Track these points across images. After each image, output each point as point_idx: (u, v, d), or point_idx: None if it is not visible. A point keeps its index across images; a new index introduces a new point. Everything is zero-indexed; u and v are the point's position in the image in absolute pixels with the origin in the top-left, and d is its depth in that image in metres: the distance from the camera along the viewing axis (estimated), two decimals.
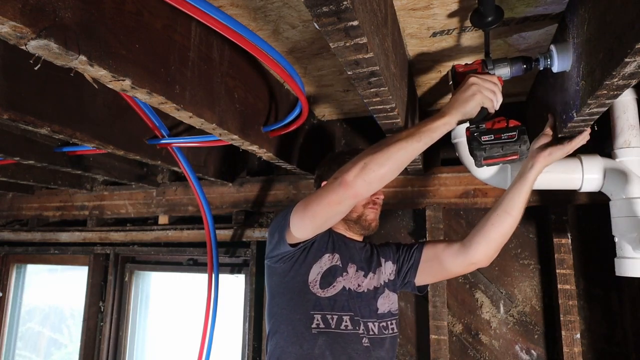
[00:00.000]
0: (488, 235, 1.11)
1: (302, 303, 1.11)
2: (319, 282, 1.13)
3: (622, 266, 1.14)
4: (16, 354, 2.65)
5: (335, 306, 1.12)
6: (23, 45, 0.61)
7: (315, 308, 1.11)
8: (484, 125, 0.92)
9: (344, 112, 1.86)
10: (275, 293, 1.17)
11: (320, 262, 1.15)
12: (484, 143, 0.91)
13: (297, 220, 1.05)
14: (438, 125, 0.87)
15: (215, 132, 1.11)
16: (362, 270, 1.20)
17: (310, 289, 1.12)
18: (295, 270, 1.13)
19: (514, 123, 0.92)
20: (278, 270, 1.16)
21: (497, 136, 0.91)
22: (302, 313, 1.10)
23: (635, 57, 0.65)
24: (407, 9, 1.00)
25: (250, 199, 2.04)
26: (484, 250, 1.13)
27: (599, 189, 1.20)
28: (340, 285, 1.14)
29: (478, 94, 0.87)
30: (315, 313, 1.10)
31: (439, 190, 1.74)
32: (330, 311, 1.11)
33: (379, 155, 0.87)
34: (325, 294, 1.12)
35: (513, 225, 1.09)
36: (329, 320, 1.10)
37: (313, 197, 1.00)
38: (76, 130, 1.14)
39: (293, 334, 1.10)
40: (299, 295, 1.12)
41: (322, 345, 1.08)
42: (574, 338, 1.48)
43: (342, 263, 1.18)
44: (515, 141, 0.90)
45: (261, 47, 0.92)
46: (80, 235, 2.38)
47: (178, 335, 2.31)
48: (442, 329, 1.64)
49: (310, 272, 1.13)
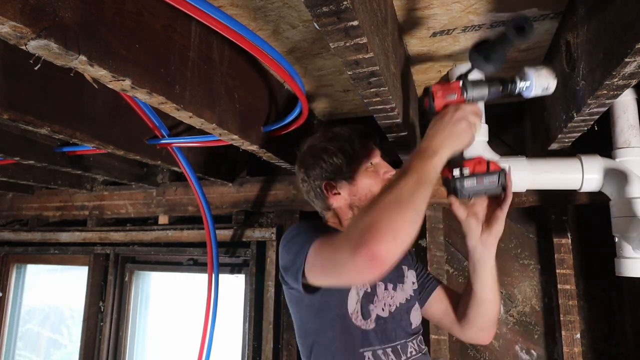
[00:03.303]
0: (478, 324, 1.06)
1: (348, 341, 0.94)
2: (360, 312, 0.95)
3: (622, 266, 1.14)
4: (16, 354, 2.65)
5: (382, 338, 0.97)
6: (23, 45, 0.61)
7: (365, 344, 0.94)
8: (467, 168, 0.92)
9: (344, 112, 1.86)
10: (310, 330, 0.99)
11: (355, 287, 0.97)
12: (467, 188, 0.92)
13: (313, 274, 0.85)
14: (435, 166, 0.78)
15: (215, 132, 1.11)
16: (391, 282, 1.05)
17: (353, 322, 0.94)
18: (330, 302, 0.95)
19: (494, 167, 0.93)
20: (305, 302, 0.97)
21: (480, 181, 0.92)
22: (350, 353, 0.94)
23: (635, 57, 0.65)
24: (407, 9, 1.00)
25: (250, 199, 2.04)
26: (479, 334, 1.09)
27: (599, 189, 1.20)
28: (374, 314, 0.98)
29: (469, 130, 0.83)
30: (365, 350, 0.94)
31: (439, 190, 1.74)
32: (379, 345, 0.96)
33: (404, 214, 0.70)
34: (368, 325, 0.96)
35: (496, 305, 1.05)
36: (380, 356, 0.95)
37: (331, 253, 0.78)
38: (76, 130, 1.14)
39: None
40: (342, 333, 0.94)
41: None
42: (574, 338, 1.48)
43: (370, 286, 1.00)
44: (496, 186, 0.92)
45: (261, 47, 0.92)
46: (80, 235, 2.38)
47: (178, 335, 2.31)
48: (442, 329, 1.64)
49: (349, 302, 0.95)
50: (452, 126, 0.83)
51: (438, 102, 0.89)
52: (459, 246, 1.76)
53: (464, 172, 0.92)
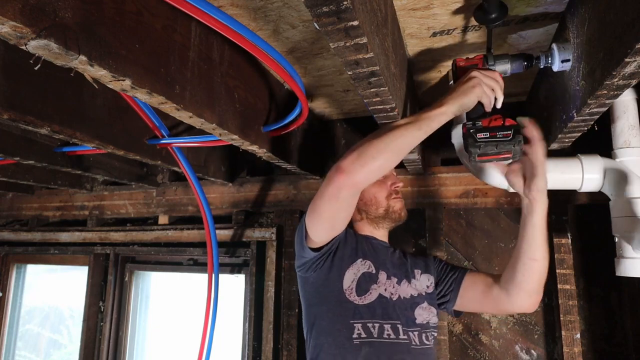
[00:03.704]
0: (525, 286, 1.04)
1: (340, 312, 1.06)
2: (355, 289, 1.07)
3: (622, 266, 1.14)
4: (16, 354, 2.65)
5: (375, 314, 1.06)
6: (23, 45, 0.61)
7: (355, 317, 1.05)
8: (481, 122, 0.92)
9: (344, 112, 1.86)
10: (312, 303, 1.12)
11: (353, 267, 1.10)
12: (479, 140, 0.91)
13: (310, 223, 1.02)
14: (436, 114, 0.86)
15: (215, 132, 1.11)
16: (395, 277, 1.15)
17: (347, 297, 1.06)
18: (329, 279, 1.08)
19: (510, 122, 0.92)
20: (310, 280, 1.11)
21: (493, 134, 0.91)
22: (342, 323, 1.05)
23: (635, 57, 0.65)
24: (407, 9, 1.00)
25: (250, 199, 2.04)
26: (526, 300, 1.05)
27: (599, 189, 1.20)
28: (376, 293, 1.09)
29: (477, 87, 0.87)
30: (356, 322, 1.04)
31: (439, 190, 1.74)
32: (370, 319, 1.05)
33: (377, 142, 0.85)
34: (362, 301, 1.07)
35: (544, 266, 1.03)
36: (370, 329, 1.04)
37: (316, 196, 0.97)
38: (76, 130, 1.14)
39: (334, 345, 1.04)
40: (336, 305, 1.06)
41: (366, 356, 1.02)
42: (574, 338, 1.48)
43: (375, 269, 1.12)
44: (510, 140, 0.90)
45: (261, 47, 0.92)
46: (80, 235, 2.38)
47: (178, 335, 2.31)
48: (442, 329, 1.64)
49: (345, 279, 1.08)
50: (461, 85, 0.88)
51: (460, 73, 0.94)
52: (459, 246, 1.76)
53: (477, 125, 0.92)
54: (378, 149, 0.85)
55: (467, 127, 0.93)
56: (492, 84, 0.88)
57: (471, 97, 0.87)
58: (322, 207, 0.96)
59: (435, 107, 0.87)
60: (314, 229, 1.02)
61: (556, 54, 0.93)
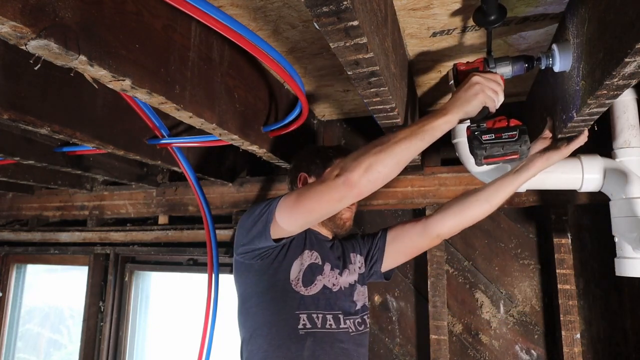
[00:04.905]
0: (461, 215, 1.15)
1: (285, 302, 1.07)
2: (301, 279, 1.10)
3: (622, 266, 1.14)
4: (16, 354, 2.65)
5: (319, 305, 1.10)
6: (23, 45, 0.61)
7: (300, 307, 1.07)
8: (485, 124, 0.92)
9: (344, 112, 1.86)
10: (252, 293, 1.12)
11: (300, 258, 1.13)
12: (484, 142, 0.90)
13: (286, 215, 1.00)
14: (440, 124, 0.86)
15: (215, 132, 1.11)
16: (337, 268, 1.19)
17: (293, 287, 1.09)
18: (275, 268, 1.09)
19: (514, 122, 0.92)
20: (255, 267, 1.11)
21: (498, 135, 0.90)
22: (287, 313, 1.07)
23: (635, 57, 0.65)
24: (407, 9, 1.00)
25: (250, 199, 2.04)
26: (452, 225, 1.17)
27: (599, 189, 1.20)
28: (321, 284, 1.13)
29: (481, 93, 0.86)
30: (301, 313, 1.07)
31: (439, 190, 1.74)
32: (315, 310, 1.08)
33: (384, 155, 0.86)
34: (308, 292, 1.10)
35: (486, 214, 1.13)
36: (314, 319, 1.08)
37: (309, 193, 0.95)
38: (76, 130, 1.14)
39: (278, 336, 1.06)
40: (281, 295, 1.08)
41: (310, 346, 1.05)
42: (574, 338, 1.48)
43: (321, 261, 1.17)
44: (516, 141, 0.90)
45: (261, 47, 0.92)
46: (80, 235, 2.38)
47: (178, 335, 2.31)
48: (442, 329, 1.64)
49: (292, 270, 1.10)
50: (464, 91, 0.88)
51: (461, 78, 0.93)
52: (458, 246, 1.76)
53: (482, 127, 0.92)
54: (384, 164, 0.86)
55: (471, 129, 0.93)
56: (494, 86, 0.88)
57: (475, 103, 0.87)
58: (317, 207, 0.95)
59: (439, 115, 0.86)
60: (291, 222, 1.00)
61: (557, 54, 0.93)
